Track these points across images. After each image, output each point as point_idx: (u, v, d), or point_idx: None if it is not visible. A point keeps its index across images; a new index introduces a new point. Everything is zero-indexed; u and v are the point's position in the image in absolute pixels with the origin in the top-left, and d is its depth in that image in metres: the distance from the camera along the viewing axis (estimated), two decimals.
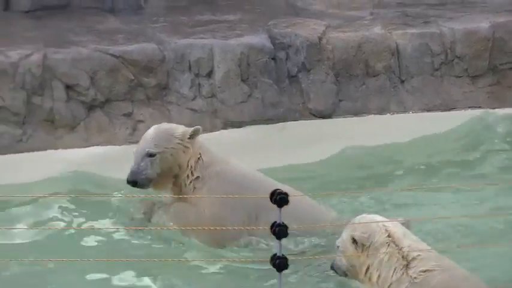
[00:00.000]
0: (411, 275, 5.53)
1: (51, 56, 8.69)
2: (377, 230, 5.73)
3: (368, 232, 5.69)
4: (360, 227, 5.73)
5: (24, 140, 8.61)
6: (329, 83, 9.54)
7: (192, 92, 9.05)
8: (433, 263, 5.60)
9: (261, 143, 9.09)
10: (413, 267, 5.56)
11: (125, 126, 8.88)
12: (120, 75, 8.78)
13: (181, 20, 10.05)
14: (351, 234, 5.66)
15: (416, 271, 5.54)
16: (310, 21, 10.03)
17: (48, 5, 9.91)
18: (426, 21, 10.64)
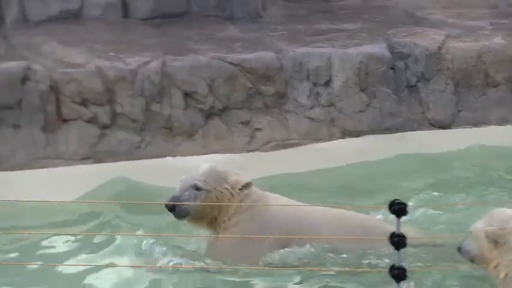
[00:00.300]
0: None
1: (170, 63, 8.67)
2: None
3: (506, 230, 5.41)
4: (498, 221, 5.46)
5: (143, 146, 8.59)
6: (448, 93, 9.43)
7: (310, 100, 8.97)
8: None
9: (378, 153, 8.92)
10: None
11: (243, 134, 8.87)
12: (238, 83, 8.75)
13: (299, 29, 10.03)
14: (486, 228, 5.46)
15: None
16: (429, 30, 9.99)
17: (167, 13, 10.00)
18: None
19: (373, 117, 9.13)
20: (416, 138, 9.17)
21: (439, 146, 9.08)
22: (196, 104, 8.68)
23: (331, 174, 8.70)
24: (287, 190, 7.64)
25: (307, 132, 8.90)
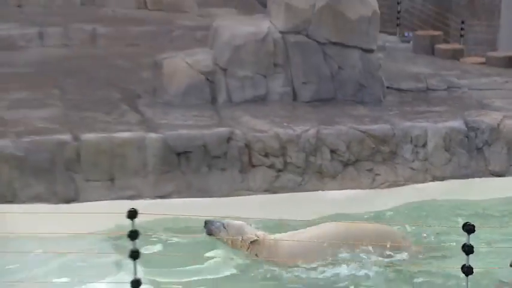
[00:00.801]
0: None
1: (322, 131, 10.19)
2: None
3: None
4: None
5: (303, 184, 10.26)
6: (503, 154, 10.69)
7: (412, 156, 10.51)
8: None
9: (456, 192, 10.18)
10: None
11: (368, 177, 10.40)
12: (365, 144, 10.28)
13: (406, 110, 11.32)
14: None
15: None
16: (492, 113, 11.01)
17: (322, 98, 11.31)
18: None
19: (453, 168, 10.44)
20: (480, 182, 10.32)
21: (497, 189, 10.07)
22: (338, 158, 10.21)
23: (429, 204, 9.86)
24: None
25: (409, 177, 10.35)
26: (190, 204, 9.23)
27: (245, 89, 11.27)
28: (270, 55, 11.21)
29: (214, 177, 9.88)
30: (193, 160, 9.79)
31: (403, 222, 9.12)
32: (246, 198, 9.82)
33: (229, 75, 11.23)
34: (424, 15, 19.57)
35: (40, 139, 9.48)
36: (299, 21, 11.24)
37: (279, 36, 11.23)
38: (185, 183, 9.72)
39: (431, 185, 10.26)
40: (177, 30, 15.63)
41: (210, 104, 11.11)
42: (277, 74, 11.25)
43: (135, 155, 9.61)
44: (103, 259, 7.74)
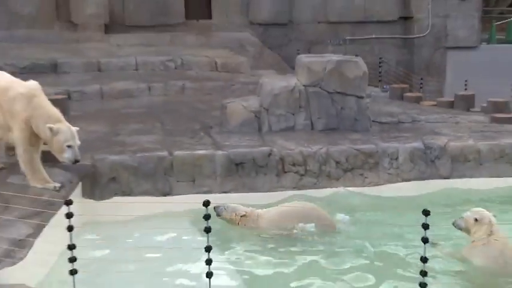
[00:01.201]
0: (489, 240, 6.47)
1: (330, 149, 9.86)
2: (486, 218, 6.63)
3: (482, 218, 6.63)
4: (477, 212, 6.74)
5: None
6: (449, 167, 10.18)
7: (388, 166, 10.02)
8: (499, 238, 6.55)
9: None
10: (493, 237, 6.46)
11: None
12: (358, 158, 9.89)
13: (384, 135, 10.89)
14: (474, 215, 6.70)
15: (492, 239, 6.47)
16: (441, 137, 10.61)
17: (330, 128, 10.99)
18: None
19: (415, 174, 10.07)
20: (433, 182, 9.96)
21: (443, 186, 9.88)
22: (340, 166, 9.94)
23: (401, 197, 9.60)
24: None
25: (387, 180, 9.96)
26: (244, 197, 9.07)
27: (280, 122, 11.13)
28: (296, 100, 11.11)
29: (260, 179, 9.60)
30: (246, 168, 9.60)
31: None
32: (280, 193, 9.50)
33: (270, 113, 11.13)
34: (397, 75, 19.61)
35: (148, 155, 9.47)
36: (315, 79, 11.14)
37: (302, 88, 11.14)
38: (240, 183, 9.53)
39: (400, 184, 9.94)
40: (236, 85, 15.60)
41: (257, 132, 10.97)
42: (301, 112, 11.11)
43: (208, 164, 9.49)
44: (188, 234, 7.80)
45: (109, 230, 7.67)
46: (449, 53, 20.41)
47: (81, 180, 8.43)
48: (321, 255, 7.13)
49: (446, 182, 9.90)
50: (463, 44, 20.64)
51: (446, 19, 20.50)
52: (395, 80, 18.64)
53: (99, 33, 18.38)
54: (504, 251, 6.42)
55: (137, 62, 16.62)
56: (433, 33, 20.58)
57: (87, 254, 6.08)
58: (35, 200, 6.64)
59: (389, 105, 13.15)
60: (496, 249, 6.41)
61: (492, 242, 6.45)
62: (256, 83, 12.24)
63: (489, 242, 6.46)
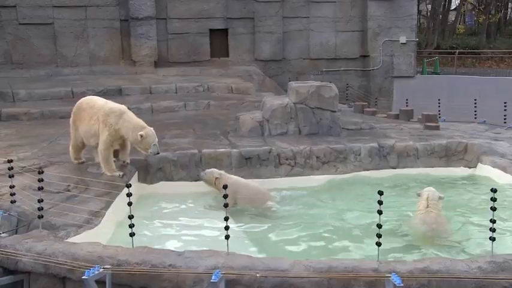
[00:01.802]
0: (428, 210, 6.22)
1: (312, 148, 9.50)
2: (424, 194, 6.40)
3: (422, 194, 6.44)
4: (423, 192, 6.46)
5: None
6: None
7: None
8: (435, 210, 6.17)
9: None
10: (429, 209, 6.21)
11: None
12: (332, 154, 9.54)
13: (352, 139, 10.47)
14: (419, 192, 6.54)
15: (429, 211, 6.19)
16: (392, 138, 10.23)
17: (312, 133, 10.56)
18: None
19: (373, 165, 9.54)
20: (385, 171, 9.57)
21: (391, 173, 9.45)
22: (319, 160, 9.44)
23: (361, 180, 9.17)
24: None
25: (353, 169, 9.47)
26: None
27: (277, 129, 10.83)
28: (288, 113, 10.83)
29: (263, 170, 9.26)
30: (253, 161, 9.34)
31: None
32: (277, 179, 9.22)
33: (270, 123, 10.84)
34: (358, 95, 19.68)
35: (184, 152, 9.30)
36: (302, 98, 10.86)
37: (292, 105, 10.86)
38: (249, 172, 9.21)
39: (362, 173, 9.56)
40: (246, 102, 15.31)
41: (261, 136, 10.67)
42: (292, 122, 10.82)
43: (226, 159, 9.26)
44: (211, 208, 7.64)
45: (156, 204, 7.57)
46: (395, 81, 20.59)
47: (138, 170, 8.29)
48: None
49: (394, 171, 9.62)
50: (404, 74, 20.78)
51: (392, 57, 20.61)
52: (357, 99, 18.62)
53: (151, 67, 18.51)
54: (437, 218, 6.24)
55: (177, 87, 16.49)
56: (383, 66, 20.71)
57: (141, 221, 6.00)
58: (106, 184, 6.72)
59: (354, 117, 12.79)
60: (430, 217, 6.22)
61: (428, 212, 6.27)
62: (260, 101, 11.99)
63: (426, 212, 6.28)
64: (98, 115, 7.19)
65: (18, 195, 5.74)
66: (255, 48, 20.06)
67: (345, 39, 20.73)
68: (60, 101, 14.44)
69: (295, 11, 20.28)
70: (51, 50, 18.27)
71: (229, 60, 19.92)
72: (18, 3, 17.70)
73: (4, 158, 7.35)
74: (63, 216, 5.50)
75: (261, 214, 7.20)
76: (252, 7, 19.79)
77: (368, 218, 6.51)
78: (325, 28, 20.50)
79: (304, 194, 8.17)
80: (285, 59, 20.47)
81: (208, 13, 19.44)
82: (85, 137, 7.48)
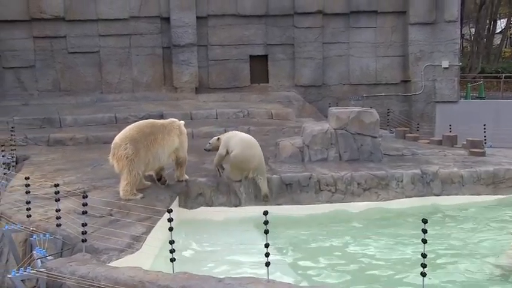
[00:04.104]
0: None
1: (353, 174, 9.43)
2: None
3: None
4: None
5: None
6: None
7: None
8: None
9: None
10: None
11: None
12: (373, 180, 9.46)
13: (392, 164, 10.40)
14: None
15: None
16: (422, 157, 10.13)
17: (353, 159, 10.47)
18: None
19: (415, 192, 9.53)
20: (429, 198, 9.46)
21: (435, 202, 9.45)
22: (361, 187, 9.39)
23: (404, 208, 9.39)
24: None
25: (395, 196, 9.42)
26: (291, 209, 9.03)
27: (317, 155, 10.80)
28: (328, 139, 10.80)
29: (303, 196, 9.25)
30: (293, 187, 9.35)
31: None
32: (317, 205, 9.19)
33: (310, 148, 10.82)
34: (400, 121, 19.39)
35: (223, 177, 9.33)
36: (342, 124, 10.84)
37: (333, 131, 10.83)
38: (289, 198, 9.25)
39: (404, 200, 9.47)
40: (286, 128, 15.33)
41: (301, 162, 10.67)
42: (332, 148, 10.78)
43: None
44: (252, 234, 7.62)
45: (197, 230, 7.62)
46: (438, 106, 20.18)
47: (178, 195, 8.38)
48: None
49: (438, 198, 9.51)
50: (447, 99, 20.33)
51: (434, 82, 20.24)
52: (398, 124, 18.35)
53: (192, 93, 18.74)
54: None
55: (217, 113, 16.67)
56: (425, 91, 20.37)
57: (182, 247, 6.21)
58: (147, 208, 6.68)
59: (395, 143, 12.78)
60: None
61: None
62: (300, 127, 12.05)
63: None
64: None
65: (64, 218, 5.89)
66: (295, 74, 20.13)
67: (385, 64, 20.56)
68: (103, 127, 14.85)
69: (335, 36, 20.30)
70: (96, 77, 18.84)
71: (269, 86, 20.03)
72: (68, 33, 18.44)
73: (51, 182, 7.60)
74: (106, 240, 5.59)
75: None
76: (291, 33, 19.93)
77: (411, 247, 6.54)
78: (365, 53, 20.41)
79: (346, 221, 8.19)
80: (325, 84, 20.43)
81: (249, 39, 19.67)
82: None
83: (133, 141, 7.32)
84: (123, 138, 7.34)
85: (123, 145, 7.25)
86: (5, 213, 6.80)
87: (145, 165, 7.40)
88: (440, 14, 19.81)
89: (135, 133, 7.40)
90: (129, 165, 7.19)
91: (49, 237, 5.62)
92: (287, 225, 7.90)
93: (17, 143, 11.83)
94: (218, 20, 19.42)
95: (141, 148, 7.33)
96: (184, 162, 8.18)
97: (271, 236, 4.93)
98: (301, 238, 7.40)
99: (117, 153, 7.19)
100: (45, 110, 16.16)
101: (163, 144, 7.53)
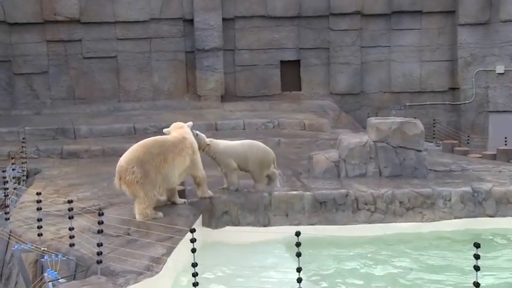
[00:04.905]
0: None
1: (395, 191, 9.36)
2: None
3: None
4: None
5: None
6: None
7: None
8: None
9: None
10: None
11: None
12: (417, 199, 9.30)
13: (440, 182, 10.14)
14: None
15: None
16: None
17: (394, 175, 10.40)
18: None
19: (465, 212, 9.40)
20: (481, 220, 9.33)
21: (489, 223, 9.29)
22: (403, 206, 9.30)
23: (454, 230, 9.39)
24: None
25: (442, 217, 9.31)
26: (326, 229, 8.94)
27: (354, 170, 10.78)
28: (367, 152, 10.79)
29: (339, 215, 9.23)
30: (328, 206, 9.34)
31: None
32: (354, 226, 9.16)
33: (346, 163, 10.83)
34: (447, 133, 19.18)
35: (251, 194, 9.39)
36: (383, 136, 10.81)
37: (372, 143, 10.82)
38: (324, 218, 9.26)
39: (453, 221, 9.31)
40: (320, 140, 15.43)
41: (336, 177, 10.70)
42: (371, 162, 10.76)
43: (299, 202, 9.31)
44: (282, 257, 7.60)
45: (223, 252, 7.60)
46: (491, 116, 19.82)
47: (202, 213, 8.42)
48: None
49: (492, 220, 9.31)
50: (502, 108, 19.90)
51: (487, 89, 19.92)
52: (446, 137, 18.17)
53: (217, 102, 19.01)
54: None
55: (245, 123, 16.88)
56: (476, 100, 20.09)
57: (205, 270, 6.06)
58: (168, 228, 6.66)
59: (442, 157, 12.57)
60: None
61: None
62: (335, 139, 12.18)
63: None
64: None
65: (77, 238, 5.97)
66: (330, 81, 20.16)
67: (431, 69, 20.40)
68: (121, 138, 15.15)
69: (375, 39, 20.26)
70: (113, 84, 19.13)
71: (302, 94, 20.14)
72: (84, 36, 18.78)
73: (64, 197, 7.85)
74: (123, 261, 5.60)
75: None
76: (326, 36, 19.99)
77: (461, 275, 6.48)
78: (408, 58, 20.30)
79: (386, 244, 8.16)
80: (363, 92, 20.41)
81: (279, 43, 19.78)
82: None
83: (141, 162, 7.21)
84: (129, 160, 7.24)
85: (130, 169, 7.17)
86: (15, 231, 6.91)
87: (157, 186, 7.40)
88: (494, 13, 19.52)
89: (142, 154, 7.28)
90: (142, 188, 7.18)
91: (61, 258, 5.66)
92: (321, 247, 7.89)
93: (28, 156, 12.21)
94: (246, 21, 19.60)
95: (150, 169, 7.24)
96: (203, 180, 8.23)
97: (303, 259, 4.92)
98: (336, 262, 7.38)
99: (125, 178, 7.13)
100: (59, 120, 16.60)
101: (173, 164, 7.47)
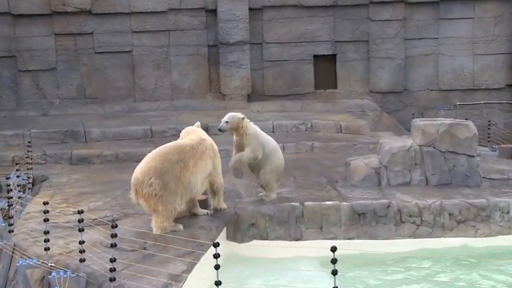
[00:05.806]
0: None
1: (444, 202, 9.31)
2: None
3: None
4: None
5: None
6: None
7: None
8: None
9: None
10: None
11: None
12: (470, 211, 9.26)
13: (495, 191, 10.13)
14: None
15: None
16: None
17: (443, 183, 10.35)
18: None
19: None
20: None
21: None
22: (453, 218, 9.29)
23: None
24: None
25: (498, 231, 9.31)
26: (365, 244, 8.96)
27: (397, 178, 10.74)
28: (412, 158, 10.73)
29: (380, 229, 9.24)
30: (367, 218, 9.31)
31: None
32: (397, 241, 9.15)
33: (388, 170, 10.79)
34: (505, 136, 18.86)
35: (282, 204, 9.44)
36: (429, 139, 10.75)
37: (417, 148, 10.77)
38: (362, 231, 9.25)
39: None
40: (358, 144, 15.41)
41: (377, 186, 10.69)
42: (416, 169, 10.70)
43: (334, 214, 9.30)
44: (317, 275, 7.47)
45: (249, 269, 7.61)
46: None
47: (226, 225, 8.50)
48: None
49: None
50: None
51: None
52: (502, 140, 17.84)
53: (243, 101, 19.02)
54: None
55: (273, 125, 16.87)
56: None
57: None
58: (188, 241, 6.72)
59: (499, 164, 12.35)
60: None
61: None
62: (375, 143, 12.18)
63: None
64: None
65: (88, 252, 5.97)
66: (370, 78, 20.11)
67: (486, 64, 20.18)
68: (136, 141, 15.21)
69: (421, 31, 20.14)
70: (128, 81, 19.25)
71: (338, 93, 20.13)
72: (96, 29, 18.93)
73: (74, 208, 7.89)
74: (139, 279, 5.62)
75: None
76: (366, 28, 19.94)
77: None
78: (459, 51, 20.11)
79: (434, 261, 8.15)
80: (407, 90, 20.31)
81: (313, 36, 19.78)
82: None
83: (159, 173, 7.18)
84: (145, 171, 7.20)
85: (147, 181, 7.14)
86: (19, 245, 6.95)
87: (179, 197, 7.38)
88: None
89: (160, 163, 7.24)
90: (161, 201, 7.16)
91: (70, 275, 5.68)
92: (360, 265, 7.86)
93: (34, 161, 12.22)
94: (276, 12, 19.63)
95: (169, 180, 7.20)
96: (221, 188, 8.30)
97: (340, 277, 4.95)
98: (377, 281, 7.40)
99: (142, 192, 7.12)
100: (68, 122, 16.71)
101: (195, 171, 7.47)
